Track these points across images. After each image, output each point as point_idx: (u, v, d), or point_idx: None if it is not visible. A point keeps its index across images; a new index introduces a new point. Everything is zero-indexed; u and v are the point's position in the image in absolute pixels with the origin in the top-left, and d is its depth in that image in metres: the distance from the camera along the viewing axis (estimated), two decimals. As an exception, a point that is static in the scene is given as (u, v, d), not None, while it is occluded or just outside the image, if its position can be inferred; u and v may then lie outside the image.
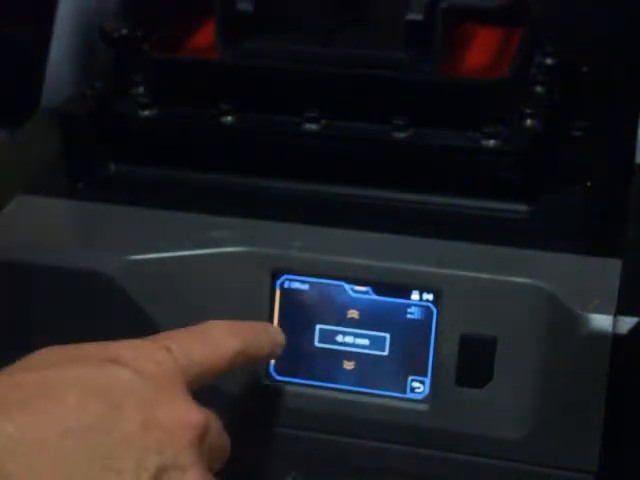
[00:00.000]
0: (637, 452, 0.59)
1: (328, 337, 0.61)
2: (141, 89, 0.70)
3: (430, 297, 0.59)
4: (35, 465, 0.42)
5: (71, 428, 0.43)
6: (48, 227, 0.66)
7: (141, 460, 0.44)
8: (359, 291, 0.60)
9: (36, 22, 0.82)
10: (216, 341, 0.52)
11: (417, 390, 0.60)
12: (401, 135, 0.64)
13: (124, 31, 0.71)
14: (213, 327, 0.53)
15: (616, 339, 0.56)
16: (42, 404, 0.44)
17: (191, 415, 0.47)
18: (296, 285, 0.61)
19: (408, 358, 0.60)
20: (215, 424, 0.49)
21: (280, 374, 0.62)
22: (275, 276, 0.61)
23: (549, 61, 0.71)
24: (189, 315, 0.61)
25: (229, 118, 0.67)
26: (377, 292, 0.60)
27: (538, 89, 0.68)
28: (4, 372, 0.46)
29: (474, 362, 0.58)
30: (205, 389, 0.57)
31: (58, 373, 0.46)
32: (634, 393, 0.58)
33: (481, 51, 0.70)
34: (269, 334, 0.57)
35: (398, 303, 0.60)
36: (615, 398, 0.57)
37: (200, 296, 0.61)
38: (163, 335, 0.51)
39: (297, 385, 0.61)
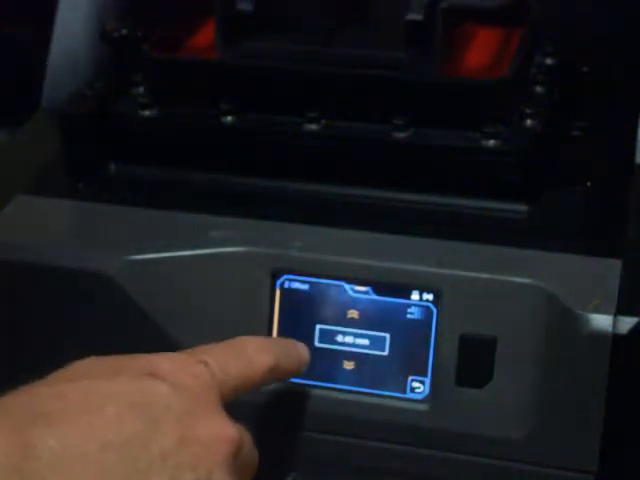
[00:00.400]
0: (637, 452, 0.59)
1: (328, 337, 0.61)
2: (141, 89, 0.70)
3: (430, 297, 0.59)
4: (76, 479, 0.42)
5: (110, 441, 0.43)
6: (48, 227, 0.66)
7: (175, 476, 0.44)
8: (359, 291, 0.60)
9: (36, 22, 0.82)
10: (250, 356, 0.53)
11: (417, 390, 0.60)
12: (401, 135, 0.64)
13: (124, 31, 0.71)
14: (247, 342, 0.54)
15: (616, 339, 0.56)
16: (83, 417, 0.44)
17: (227, 430, 0.47)
18: (296, 285, 0.61)
19: (408, 358, 0.60)
20: (247, 439, 0.49)
21: (280, 374, 0.62)
22: (275, 276, 0.61)
23: (549, 61, 0.71)
24: (189, 315, 0.62)
25: (229, 118, 0.67)
26: (377, 292, 0.60)
27: (538, 89, 0.68)
28: (44, 382, 0.46)
29: (474, 362, 0.59)
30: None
31: (100, 385, 0.46)
32: (634, 393, 0.58)
33: (481, 51, 0.70)
34: (297, 351, 0.58)
35: (398, 303, 0.60)
36: (615, 398, 0.57)
37: (200, 296, 0.61)
38: (200, 349, 0.51)
39: (297, 385, 0.61)
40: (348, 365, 0.61)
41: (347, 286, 0.60)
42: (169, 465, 0.44)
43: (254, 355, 0.53)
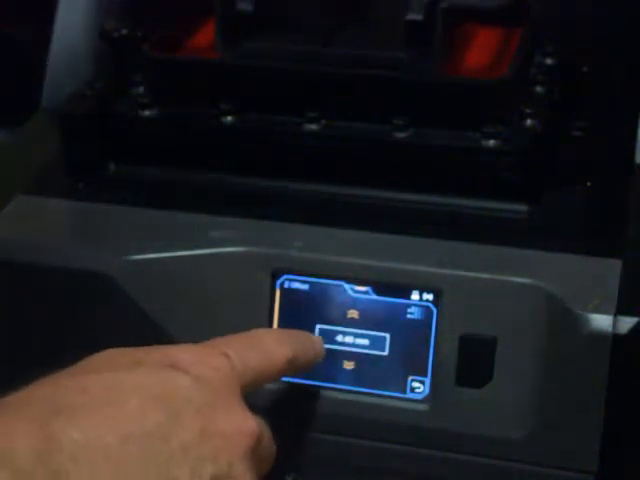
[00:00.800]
0: (637, 452, 0.59)
1: (328, 337, 0.61)
2: (141, 89, 0.70)
3: (430, 297, 0.59)
4: (97, 472, 0.42)
5: (132, 434, 0.43)
6: (48, 227, 0.66)
7: (196, 469, 0.44)
8: (359, 291, 0.60)
9: (36, 22, 0.82)
10: (269, 348, 0.53)
11: (417, 390, 0.60)
12: (401, 135, 0.64)
13: (124, 31, 0.71)
14: (264, 335, 0.54)
15: (616, 339, 0.56)
16: (105, 409, 0.44)
17: (247, 423, 0.47)
18: (296, 285, 0.61)
19: (408, 358, 0.60)
20: (267, 432, 0.49)
21: (280, 374, 0.62)
22: (275, 276, 0.61)
23: (549, 61, 0.71)
24: (189, 315, 0.62)
25: (229, 118, 0.67)
26: (377, 292, 0.60)
27: (538, 89, 0.68)
28: (65, 374, 0.46)
29: (474, 362, 0.58)
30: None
31: (121, 378, 0.46)
32: (634, 393, 0.58)
33: (481, 51, 0.70)
34: (313, 343, 0.58)
35: (398, 303, 0.60)
36: (615, 398, 0.57)
37: (200, 296, 0.61)
38: (219, 341, 0.52)
39: (297, 385, 0.61)
40: (348, 365, 0.61)
41: (347, 286, 0.60)
42: (190, 458, 0.44)
43: (272, 347, 0.53)
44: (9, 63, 0.89)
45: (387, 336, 0.60)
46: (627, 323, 0.56)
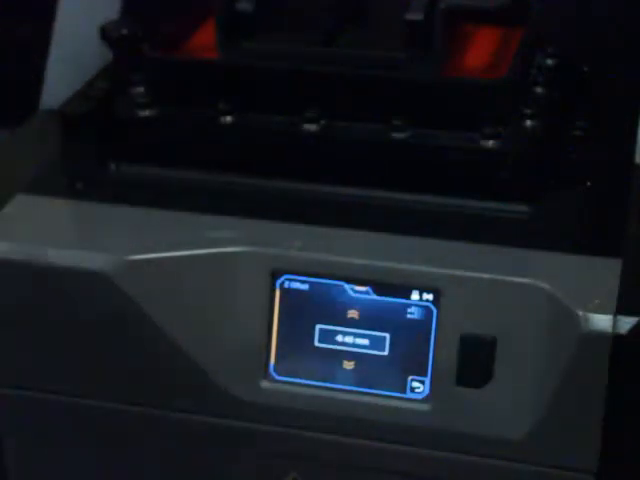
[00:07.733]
0: (637, 452, 0.59)
1: (328, 337, 0.61)
2: (141, 89, 0.70)
3: (430, 297, 0.59)
4: None
5: None
6: (48, 227, 0.66)
7: None
8: (359, 291, 0.60)
9: (36, 22, 0.82)
10: None
11: (417, 390, 0.60)
12: (400, 135, 0.64)
13: (124, 31, 0.71)
14: None
15: (616, 339, 0.56)
16: None
17: None
18: (296, 285, 0.61)
19: (408, 358, 0.60)
20: None
21: (280, 374, 0.62)
22: (275, 276, 0.61)
23: (549, 61, 0.71)
24: (189, 315, 0.62)
25: (228, 118, 0.67)
26: (377, 292, 0.60)
27: (538, 89, 0.68)
28: None
29: (474, 362, 0.58)
30: (204, 388, 0.56)
31: None
32: (634, 393, 0.58)
33: (481, 51, 0.70)
34: None
35: (398, 303, 0.60)
36: (615, 398, 0.57)
37: (200, 296, 0.61)
38: None
39: (297, 385, 0.61)
40: (348, 365, 0.61)
41: (347, 286, 0.60)
42: None
43: None
44: (9, 63, 0.89)
45: (387, 336, 0.60)
46: (627, 323, 0.56)
